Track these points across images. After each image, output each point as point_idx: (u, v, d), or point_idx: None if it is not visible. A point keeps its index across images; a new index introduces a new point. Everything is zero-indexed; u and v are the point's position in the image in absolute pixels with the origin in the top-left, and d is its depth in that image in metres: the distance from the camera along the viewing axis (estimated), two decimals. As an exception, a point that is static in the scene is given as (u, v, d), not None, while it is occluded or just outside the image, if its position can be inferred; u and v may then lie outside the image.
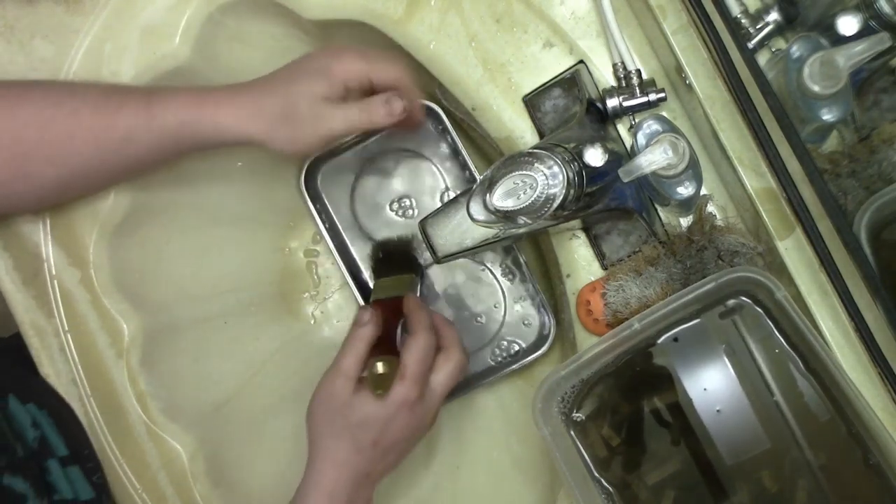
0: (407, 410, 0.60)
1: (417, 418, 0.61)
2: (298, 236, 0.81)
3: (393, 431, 0.60)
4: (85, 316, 0.66)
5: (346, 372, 0.61)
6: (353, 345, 0.62)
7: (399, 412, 0.60)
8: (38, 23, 0.66)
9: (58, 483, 0.60)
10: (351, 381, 0.61)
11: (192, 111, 0.59)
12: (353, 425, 0.60)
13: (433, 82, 0.68)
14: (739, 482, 0.59)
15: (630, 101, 0.60)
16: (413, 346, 0.61)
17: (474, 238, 0.54)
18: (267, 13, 0.69)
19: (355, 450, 0.60)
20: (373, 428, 0.60)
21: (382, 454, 0.61)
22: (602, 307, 0.63)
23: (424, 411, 0.62)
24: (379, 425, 0.60)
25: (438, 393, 0.63)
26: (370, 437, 0.60)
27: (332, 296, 0.80)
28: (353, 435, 0.60)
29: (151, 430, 0.66)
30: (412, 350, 0.61)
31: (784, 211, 0.56)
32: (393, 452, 0.62)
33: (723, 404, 0.59)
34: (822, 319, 0.56)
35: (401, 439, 0.61)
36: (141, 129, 0.59)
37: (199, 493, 0.66)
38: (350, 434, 0.60)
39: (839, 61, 0.50)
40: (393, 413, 0.60)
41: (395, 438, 0.61)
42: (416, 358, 0.61)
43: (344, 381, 0.61)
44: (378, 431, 0.60)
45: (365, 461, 0.60)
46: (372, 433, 0.60)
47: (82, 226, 0.66)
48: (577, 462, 0.60)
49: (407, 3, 0.65)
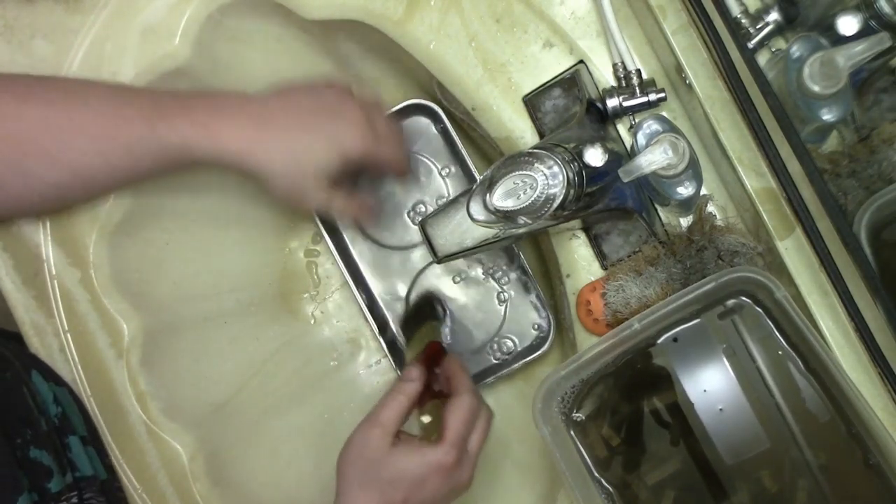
0: (443, 474, 0.58)
1: (452, 482, 0.59)
2: (298, 236, 0.81)
3: (425, 493, 0.58)
4: (85, 316, 0.66)
5: (385, 425, 0.58)
6: (397, 398, 0.60)
7: (435, 475, 0.57)
8: (37, 22, 0.66)
9: (78, 460, 0.60)
10: (389, 436, 0.58)
11: (198, 132, 0.59)
12: (385, 480, 0.57)
13: (433, 82, 0.69)
14: (739, 482, 0.59)
15: (630, 101, 0.60)
16: (457, 409, 0.59)
17: (474, 238, 0.54)
18: (267, 13, 0.69)
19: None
20: (404, 486, 0.57)
21: None
22: (602, 307, 0.63)
23: (460, 476, 0.59)
24: (412, 485, 0.57)
25: (475, 453, 0.61)
26: (400, 495, 0.57)
27: (332, 296, 0.80)
28: (382, 490, 0.57)
29: (151, 430, 0.66)
30: (456, 413, 0.59)
31: (784, 211, 0.56)
32: None
33: (723, 404, 0.59)
34: (822, 319, 0.56)
35: (433, 500, 0.59)
36: (143, 143, 0.58)
37: (199, 493, 0.66)
38: (380, 488, 0.57)
39: (839, 61, 0.50)
40: (428, 474, 0.57)
41: (427, 499, 0.58)
42: (461, 420, 0.59)
43: (381, 433, 0.58)
44: (409, 490, 0.57)
45: None
46: (402, 491, 0.57)
47: (82, 226, 0.66)
48: (577, 462, 0.60)
49: (407, 3, 0.65)
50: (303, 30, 0.71)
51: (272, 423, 0.73)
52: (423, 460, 0.57)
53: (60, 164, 0.58)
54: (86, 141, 0.57)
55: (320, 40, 0.73)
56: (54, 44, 0.65)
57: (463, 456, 0.59)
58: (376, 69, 0.76)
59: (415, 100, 0.74)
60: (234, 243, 0.76)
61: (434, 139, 0.76)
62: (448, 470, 0.58)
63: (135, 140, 0.58)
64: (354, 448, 0.59)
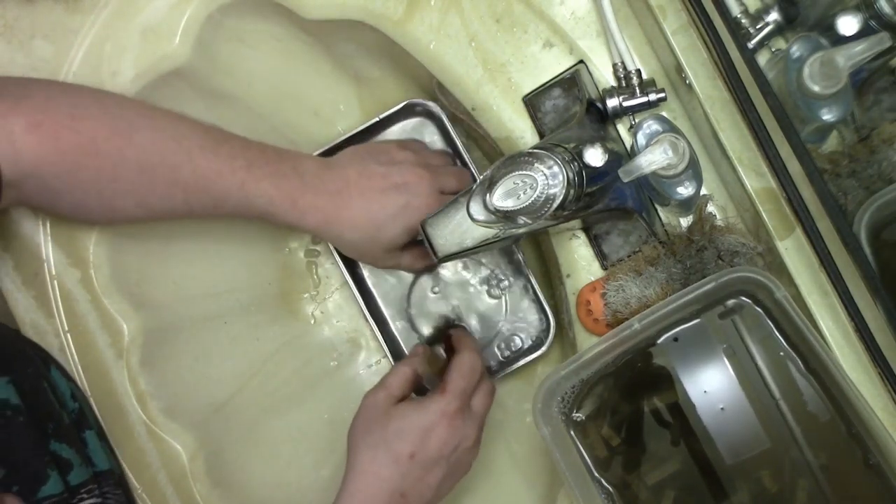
0: (446, 422, 0.59)
1: (457, 434, 0.60)
2: (298, 236, 0.81)
3: (431, 446, 0.59)
4: (85, 316, 0.66)
5: (390, 388, 0.61)
6: (402, 368, 0.63)
7: (439, 424, 0.59)
8: (37, 22, 0.66)
9: (95, 455, 0.60)
10: (393, 398, 0.61)
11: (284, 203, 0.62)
12: (391, 434, 0.59)
13: (433, 82, 0.69)
14: (739, 482, 0.59)
15: (630, 101, 0.60)
16: (458, 365, 0.62)
17: (474, 238, 0.54)
18: (267, 13, 0.69)
19: (391, 461, 0.58)
20: (409, 437, 0.58)
21: (420, 471, 0.59)
22: (602, 307, 0.63)
23: (465, 431, 0.60)
24: (416, 434, 0.58)
25: (479, 414, 0.62)
26: (408, 448, 0.58)
27: (332, 296, 0.80)
28: (388, 445, 0.58)
29: (151, 430, 0.66)
30: (456, 368, 0.62)
31: (784, 211, 0.56)
32: (433, 473, 0.59)
33: (723, 404, 0.60)
34: (822, 319, 0.56)
35: (440, 457, 0.59)
36: (231, 200, 0.61)
37: (199, 493, 0.66)
38: (386, 444, 0.59)
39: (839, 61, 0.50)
40: (432, 423, 0.59)
41: (434, 455, 0.59)
42: (461, 373, 0.61)
43: (386, 395, 0.61)
44: (416, 443, 0.58)
45: (400, 476, 0.58)
46: (409, 444, 0.58)
47: (82, 226, 0.66)
48: (577, 462, 0.60)
49: (407, 3, 0.65)
50: (303, 30, 0.71)
51: (272, 423, 0.73)
52: (426, 409, 0.59)
53: (147, 206, 0.60)
54: (178, 190, 0.59)
55: (320, 40, 0.73)
56: (54, 44, 0.65)
57: (465, 408, 0.61)
58: (376, 69, 0.76)
59: (415, 100, 0.74)
60: (234, 243, 0.76)
61: (434, 139, 0.76)
62: (451, 418, 0.59)
63: (223, 196, 0.61)
64: (360, 415, 0.61)
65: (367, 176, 0.66)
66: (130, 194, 0.59)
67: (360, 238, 0.65)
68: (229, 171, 0.60)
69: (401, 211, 0.65)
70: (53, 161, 0.55)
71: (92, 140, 0.56)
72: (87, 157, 0.56)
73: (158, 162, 0.58)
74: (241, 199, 0.61)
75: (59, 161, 0.55)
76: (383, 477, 0.58)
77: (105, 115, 0.58)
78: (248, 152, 0.62)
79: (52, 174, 0.55)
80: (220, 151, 0.61)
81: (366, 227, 0.65)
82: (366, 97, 0.78)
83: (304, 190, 0.63)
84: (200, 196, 0.60)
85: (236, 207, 0.62)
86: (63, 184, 0.56)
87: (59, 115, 0.56)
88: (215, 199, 0.61)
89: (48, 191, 0.56)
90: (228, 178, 0.60)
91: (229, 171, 0.60)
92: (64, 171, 0.55)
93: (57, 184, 0.56)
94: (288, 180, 0.63)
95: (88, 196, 0.58)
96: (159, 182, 0.59)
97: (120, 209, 0.60)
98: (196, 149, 0.60)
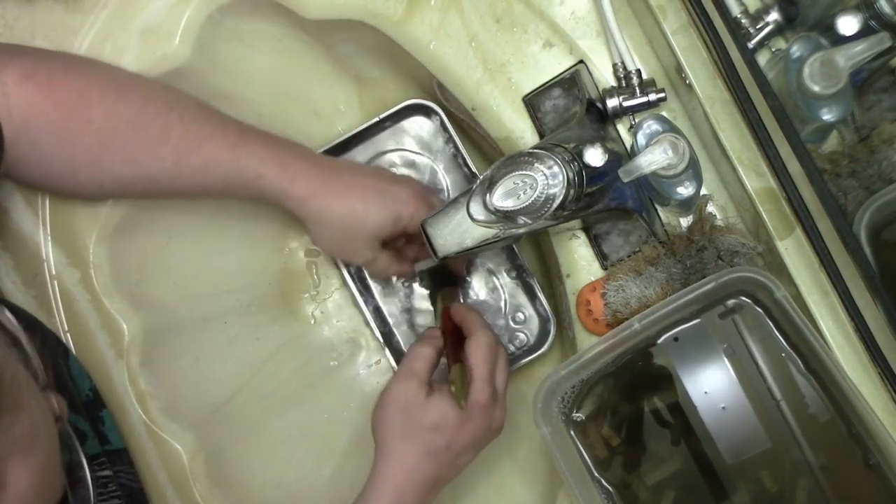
0: (482, 413, 0.59)
1: (489, 419, 0.60)
2: (298, 236, 0.81)
3: (466, 435, 0.59)
4: (85, 316, 0.66)
5: (420, 375, 0.60)
6: (423, 350, 0.62)
7: (476, 415, 0.59)
8: (37, 22, 0.65)
9: (111, 434, 0.61)
10: (424, 385, 0.60)
11: (275, 167, 0.61)
12: (427, 428, 0.59)
13: (433, 82, 0.69)
14: (739, 482, 0.59)
15: (630, 101, 0.60)
16: (476, 347, 0.60)
17: (474, 238, 0.54)
18: (267, 13, 0.69)
19: (426, 453, 0.59)
20: (447, 432, 0.58)
21: (454, 458, 0.60)
22: (602, 307, 0.63)
23: (494, 414, 0.60)
24: (454, 429, 0.58)
25: (502, 390, 0.62)
26: (444, 441, 0.58)
27: (332, 296, 0.80)
28: (424, 439, 0.59)
29: (151, 430, 0.66)
30: (476, 351, 0.60)
31: (784, 211, 0.56)
32: (464, 456, 0.60)
33: (723, 404, 0.60)
34: (822, 319, 0.56)
35: (472, 443, 0.60)
36: (222, 164, 0.60)
37: (199, 493, 0.66)
38: (421, 438, 0.59)
39: (839, 61, 0.50)
40: (468, 414, 0.59)
41: (468, 442, 0.59)
42: (482, 358, 0.60)
43: (418, 385, 0.60)
44: (452, 436, 0.59)
45: (436, 466, 0.59)
46: (446, 437, 0.58)
47: (82, 226, 0.66)
48: (577, 462, 0.60)
49: (407, 3, 0.65)
50: (303, 30, 0.71)
51: (272, 423, 0.73)
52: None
53: (136, 166, 0.59)
54: (168, 150, 0.59)
55: (320, 40, 0.73)
56: (54, 44, 0.65)
57: (494, 392, 0.60)
58: (376, 69, 0.75)
59: (415, 100, 0.74)
60: (234, 243, 0.76)
61: (434, 139, 0.76)
62: (485, 407, 0.59)
63: (213, 158, 0.60)
64: (392, 404, 0.60)
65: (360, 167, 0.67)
66: (119, 151, 0.58)
67: (343, 218, 0.63)
68: (221, 134, 0.60)
69: (391, 197, 0.64)
70: (47, 111, 0.55)
71: (84, 92, 0.56)
72: (79, 109, 0.56)
73: (150, 120, 0.58)
74: (231, 161, 0.60)
75: (52, 111, 0.55)
76: (420, 469, 0.59)
77: (98, 75, 0.59)
78: (240, 124, 0.62)
79: (45, 128, 0.55)
80: (212, 118, 0.61)
81: (354, 203, 0.63)
82: (366, 97, 0.78)
83: (295, 156, 0.63)
84: (191, 157, 0.59)
85: (227, 173, 0.61)
86: (54, 139, 0.56)
87: (52, 68, 0.57)
88: (206, 162, 0.60)
89: (40, 152, 0.56)
90: (219, 140, 0.60)
91: (221, 134, 0.60)
92: (56, 120, 0.55)
93: (48, 141, 0.56)
94: (280, 146, 0.63)
95: (77, 151, 0.57)
96: (150, 140, 0.58)
97: (108, 167, 0.59)
98: (188, 113, 0.60)
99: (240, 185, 0.62)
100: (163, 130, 0.59)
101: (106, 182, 0.61)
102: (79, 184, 0.61)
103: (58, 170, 0.59)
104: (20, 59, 0.56)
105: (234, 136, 0.61)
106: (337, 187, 0.63)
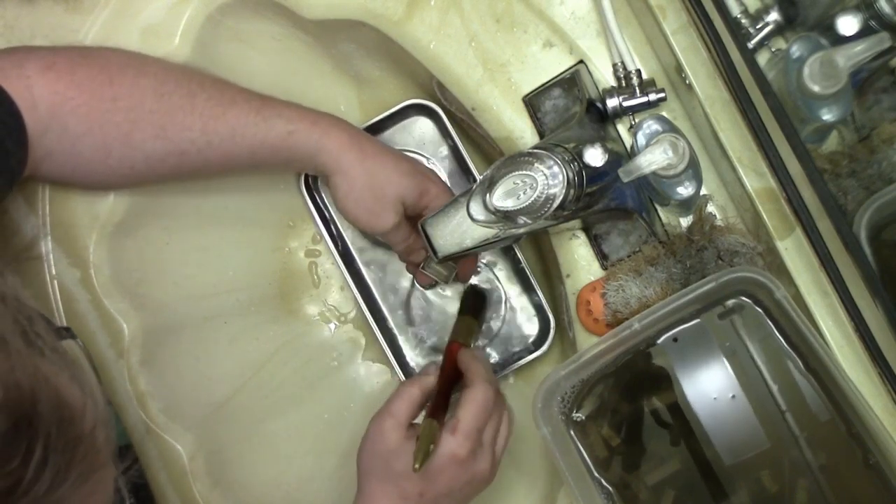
0: (457, 465, 0.57)
1: (468, 474, 0.58)
2: (298, 236, 0.81)
3: (439, 485, 0.57)
4: (85, 316, 0.65)
5: (397, 416, 0.59)
6: (409, 390, 0.60)
7: (449, 466, 0.57)
8: (37, 22, 0.65)
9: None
10: (401, 427, 0.58)
11: (304, 123, 0.61)
12: (398, 474, 0.57)
13: (433, 82, 0.69)
14: (739, 482, 0.59)
15: (630, 101, 0.60)
16: (470, 400, 0.58)
17: (474, 238, 0.55)
18: (267, 13, 0.69)
19: (401, 497, 0.57)
20: (418, 481, 0.57)
21: None
22: (602, 307, 0.63)
23: (476, 467, 0.58)
24: (426, 478, 0.57)
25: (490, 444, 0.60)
26: (416, 489, 0.57)
27: (332, 296, 0.80)
28: (398, 482, 0.57)
29: (151, 430, 0.66)
30: (468, 405, 0.58)
31: (784, 211, 0.56)
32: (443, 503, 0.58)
33: (722, 404, 0.60)
34: (822, 319, 0.56)
35: (448, 493, 0.58)
36: (250, 129, 0.60)
37: (199, 493, 0.66)
38: (395, 481, 0.57)
39: (839, 61, 0.51)
40: (441, 466, 0.57)
41: (442, 492, 0.57)
42: (472, 413, 0.58)
43: (393, 424, 0.58)
44: (424, 483, 0.57)
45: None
46: (418, 487, 0.57)
47: (82, 226, 0.65)
48: (577, 462, 0.60)
49: (407, 3, 0.65)
50: (303, 30, 0.71)
51: (272, 423, 0.73)
52: (436, 452, 0.56)
53: (166, 140, 0.59)
54: (195, 118, 0.58)
55: (320, 40, 0.73)
56: (54, 44, 0.65)
57: (477, 447, 0.58)
58: (376, 69, 0.75)
59: (415, 100, 0.74)
60: (234, 243, 0.76)
61: (434, 139, 0.76)
62: (462, 461, 0.57)
63: (240, 123, 0.60)
64: (369, 440, 0.59)
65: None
66: (149, 124, 0.58)
67: (378, 171, 0.63)
68: (243, 98, 0.61)
69: (421, 169, 0.67)
70: (72, 96, 0.55)
71: (105, 69, 0.57)
72: (103, 88, 0.56)
73: (173, 89, 0.58)
74: (258, 123, 0.60)
75: (77, 96, 0.55)
76: None
77: (114, 54, 0.60)
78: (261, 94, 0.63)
79: (72, 113, 0.55)
80: (231, 85, 0.62)
81: (386, 162, 0.64)
82: (366, 97, 0.78)
83: (322, 115, 0.64)
84: (217, 124, 0.59)
85: (255, 137, 0.60)
86: (83, 124, 0.56)
87: (71, 55, 0.57)
88: (232, 128, 0.60)
89: (69, 140, 0.56)
90: (243, 104, 0.60)
91: (243, 98, 0.61)
92: (82, 104, 0.55)
93: (77, 127, 0.56)
94: (304, 108, 0.63)
95: (107, 132, 0.57)
96: (177, 109, 0.58)
97: (139, 143, 0.58)
98: (207, 80, 0.61)
99: (269, 150, 0.61)
100: (187, 98, 0.58)
101: (137, 161, 0.59)
102: (109, 168, 0.59)
103: (88, 156, 0.58)
104: (38, 51, 0.57)
105: (258, 101, 0.61)
106: (368, 148, 0.64)
